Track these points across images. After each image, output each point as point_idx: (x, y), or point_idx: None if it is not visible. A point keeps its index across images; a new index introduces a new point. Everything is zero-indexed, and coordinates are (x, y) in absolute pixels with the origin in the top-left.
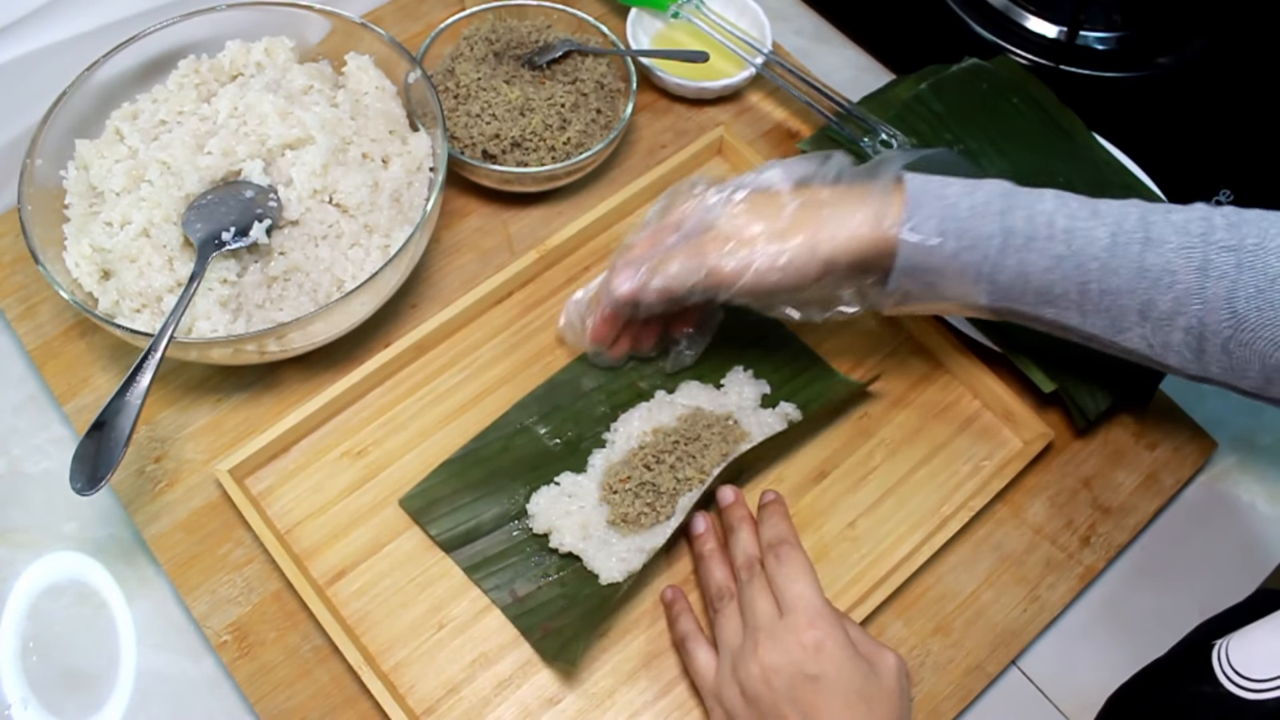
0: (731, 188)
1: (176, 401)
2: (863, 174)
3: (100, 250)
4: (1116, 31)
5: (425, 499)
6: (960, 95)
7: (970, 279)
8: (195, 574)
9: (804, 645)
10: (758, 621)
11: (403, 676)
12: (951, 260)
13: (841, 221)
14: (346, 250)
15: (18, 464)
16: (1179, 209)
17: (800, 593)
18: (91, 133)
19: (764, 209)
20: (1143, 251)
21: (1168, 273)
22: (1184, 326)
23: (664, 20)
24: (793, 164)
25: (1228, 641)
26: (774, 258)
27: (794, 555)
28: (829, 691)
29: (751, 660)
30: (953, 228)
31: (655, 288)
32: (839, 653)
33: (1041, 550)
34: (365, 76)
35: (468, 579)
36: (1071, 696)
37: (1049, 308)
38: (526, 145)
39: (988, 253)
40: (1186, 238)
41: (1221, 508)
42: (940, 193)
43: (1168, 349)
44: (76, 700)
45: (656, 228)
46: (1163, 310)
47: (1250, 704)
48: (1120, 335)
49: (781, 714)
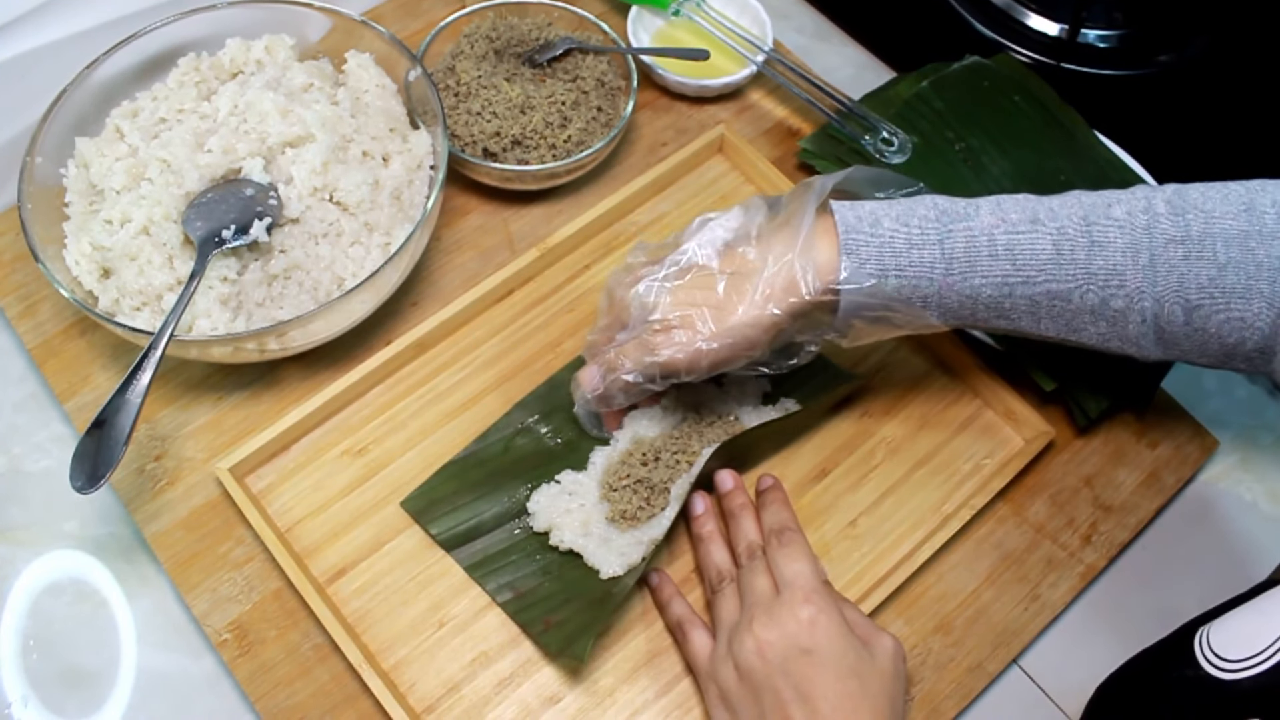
0: (662, 270)
1: (177, 400)
2: (784, 220)
3: (100, 248)
4: (1118, 29)
5: (426, 500)
6: (961, 93)
7: (918, 307)
8: (195, 572)
9: (799, 620)
10: (755, 599)
11: (403, 675)
12: (895, 296)
13: (777, 283)
14: (347, 248)
15: (18, 462)
16: (1120, 199)
17: (799, 571)
18: (92, 131)
19: (697, 289)
20: (1089, 257)
21: (1116, 274)
22: (1138, 321)
23: (665, 18)
24: (713, 227)
25: (1209, 627)
26: (720, 338)
27: (796, 539)
28: (822, 665)
29: (747, 635)
30: (892, 264)
31: (617, 388)
32: (833, 628)
33: (1042, 549)
34: (366, 74)
35: (468, 578)
36: (1072, 695)
37: (1002, 320)
38: (527, 143)
39: (932, 280)
40: (1131, 234)
41: (1223, 507)
42: (873, 230)
43: (1125, 341)
44: (77, 698)
45: (605, 324)
46: (1115, 309)
47: (1226, 684)
48: (1076, 334)
49: (774, 686)
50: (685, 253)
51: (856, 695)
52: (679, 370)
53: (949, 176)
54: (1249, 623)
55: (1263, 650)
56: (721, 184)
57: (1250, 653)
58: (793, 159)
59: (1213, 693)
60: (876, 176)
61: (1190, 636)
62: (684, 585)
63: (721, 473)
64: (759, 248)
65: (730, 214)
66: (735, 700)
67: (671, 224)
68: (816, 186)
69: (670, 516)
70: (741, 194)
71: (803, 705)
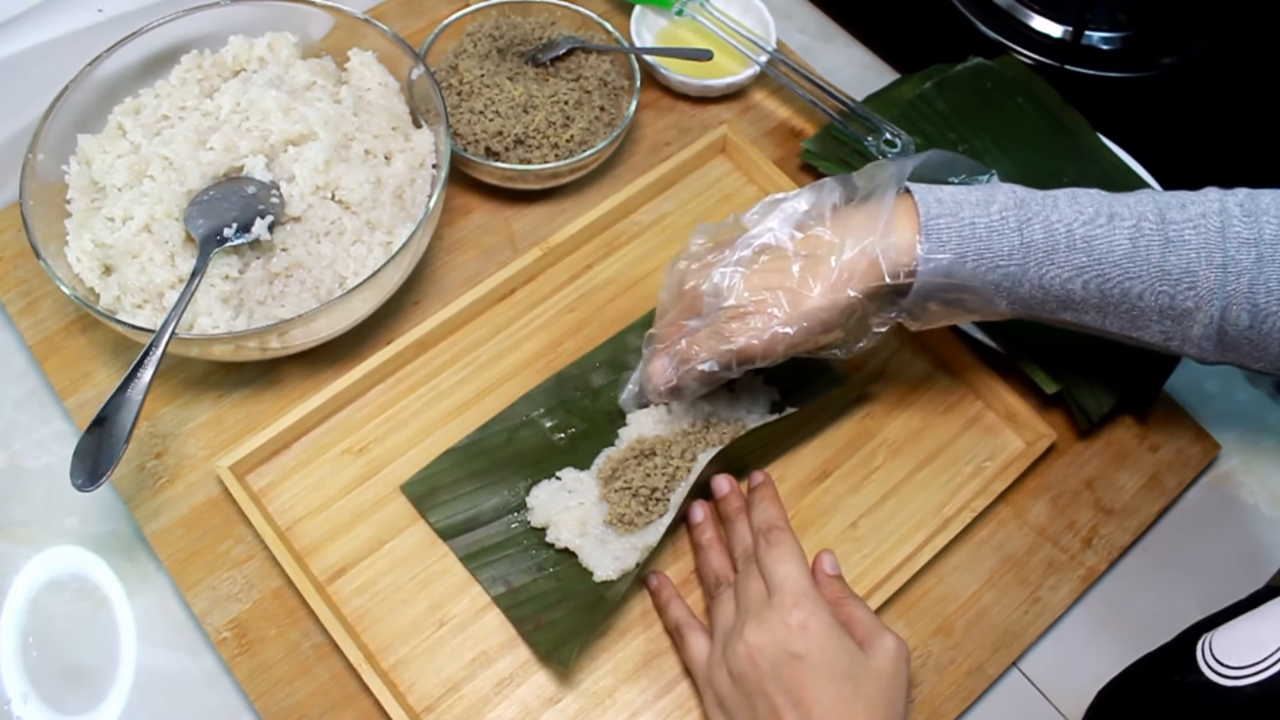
0: (734, 254)
1: (178, 397)
2: (862, 198)
3: (102, 245)
4: (1121, 31)
5: (426, 486)
6: (965, 94)
7: (990, 294)
8: (196, 570)
9: (788, 625)
10: (748, 604)
11: (403, 674)
12: (971, 279)
13: (858, 266)
14: (349, 247)
15: (18, 459)
16: (1193, 200)
17: (787, 574)
18: (94, 128)
19: (772, 272)
20: (1163, 255)
21: (1189, 274)
22: (1204, 321)
23: (668, 18)
24: (787, 206)
25: (1212, 634)
26: (795, 321)
27: (782, 539)
28: (813, 669)
29: (738, 641)
30: (971, 249)
31: (691, 378)
32: (823, 632)
33: (1043, 551)
34: (368, 72)
35: (469, 577)
36: (1072, 698)
37: (1068, 312)
38: (529, 142)
39: (1008, 269)
40: (1205, 234)
41: (1224, 510)
42: (954, 212)
43: (1187, 342)
44: (76, 696)
45: (675, 313)
46: (1183, 309)
47: (1228, 690)
48: (1139, 332)
49: (766, 692)
50: (759, 235)
51: (850, 698)
52: (755, 357)
53: None
54: (1253, 630)
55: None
56: (724, 184)
57: (1253, 660)
58: (795, 160)
59: (1215, 699)
60: (950, 161)
61: (1192, 642)
62: (683, 587)
63: (718, 478)
64: (835, 229)
65: (801, 194)
66: (731, 705)
67: (674, 224)
68: (893, 169)
69: (666, 524)
70: (744, 194)
71: (795, 710)
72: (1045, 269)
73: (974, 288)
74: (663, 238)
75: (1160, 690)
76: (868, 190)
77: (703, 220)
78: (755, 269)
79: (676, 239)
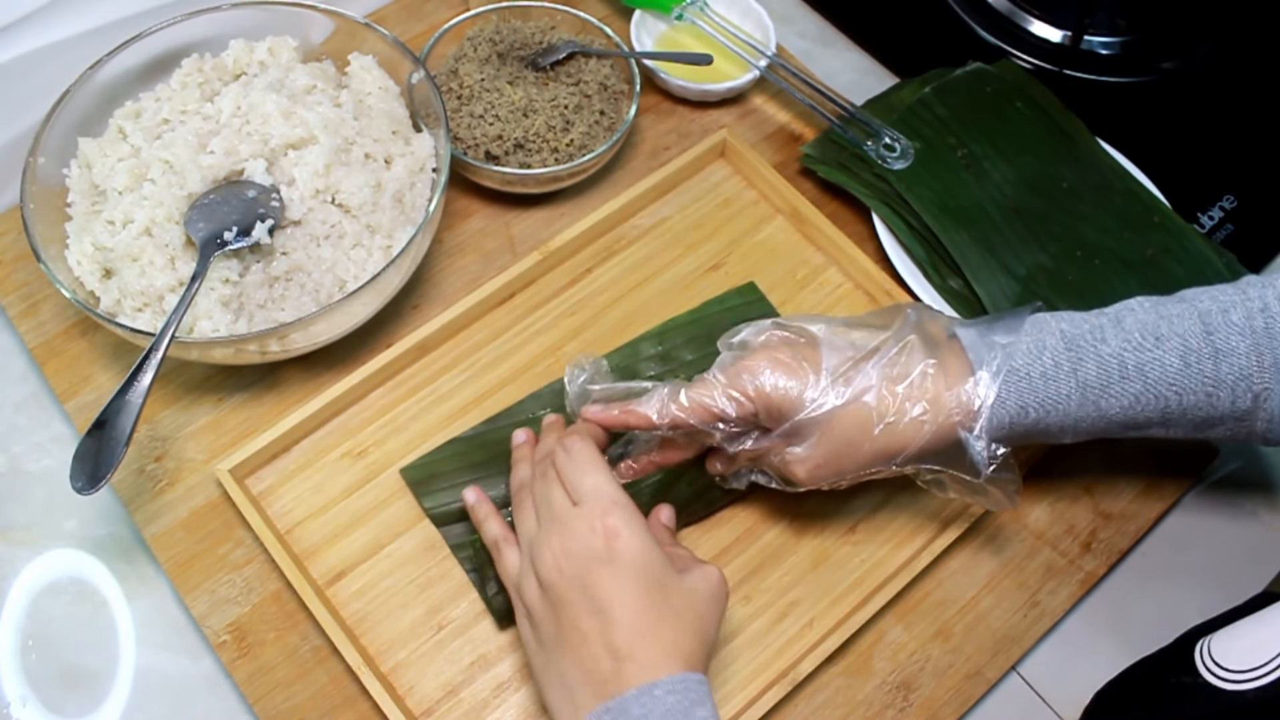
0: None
1: (177, 401)
2: (908, 350)
3: (102, 249)
4: (1121, 36)
5: (426, 471)
6: (964, 99)
7: (1054, 433)
8: (195, 573)
9: (596, 531)
10: (552, 512)
11: (402, 678)
12: (1034, 427)
13: (914, 433)
14: (349, 250)
15: (18, 461)
16: (1235, 302)
17: (594, 484)
18: (94, 131)
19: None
20: (1215, 366)
21: (1243, 379)
22: (1265, 418)
23: (668, 22)
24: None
25: (1211, 637)
26: (855, 476)
27: (581, 446)
28: (621, 575)
29: (545, 548)
30: (1032, 400)
31: (738, 484)
32: (635, 540)
33: (1042, 556)
34: (368, 76)
35: (467, 581)
36: (1071, 702)
37: (1133, 430)
38: (529, 146)
39: (1068, 409)
40: (1252, 337)
41: (1223, 516)
42: (1010, 366)
43: (1253, 435)
44: (75, 699)
45: (739, 413)
46: (1244, 409)
47: (1227, 694)
48: (1206, 433)
49: (572, 599)
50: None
51: (660, 606)
52: (802, 485)
53: (951, 183)
54: (1252, 634)
55: (1268, 662)
56: (723, 189)
57: (1254, 664)
58: (795, 164)
59: (1213, 701)
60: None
61: (1191, 645)
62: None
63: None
64: (896, 395)
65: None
66: (538, 615)
67: (673, 228)
68: (944, 322)
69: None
70: (744, 198)
71: (597, 616)
72: (1103, 400)
73: (1036, 432)
74: (662, 241)
75: (1157, 691)
76: (916, 342)
77: (701, 222)
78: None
79: (676, 243)
